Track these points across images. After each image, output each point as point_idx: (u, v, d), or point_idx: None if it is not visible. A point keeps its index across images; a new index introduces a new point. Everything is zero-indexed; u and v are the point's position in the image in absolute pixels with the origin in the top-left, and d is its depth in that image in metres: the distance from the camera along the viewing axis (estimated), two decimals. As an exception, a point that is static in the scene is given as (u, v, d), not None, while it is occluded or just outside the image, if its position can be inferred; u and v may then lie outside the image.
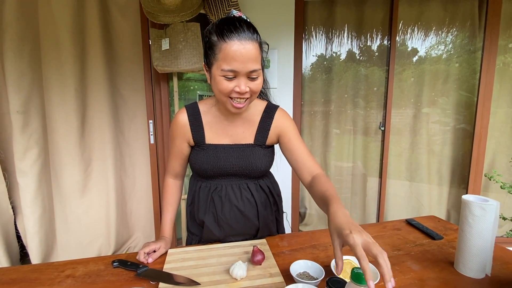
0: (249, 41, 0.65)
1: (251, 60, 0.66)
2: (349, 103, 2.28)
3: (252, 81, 0.69)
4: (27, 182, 1.62)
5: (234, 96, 0.69)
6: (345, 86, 2.26)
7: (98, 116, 1.79)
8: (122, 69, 1.86)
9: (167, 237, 0.84)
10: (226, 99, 0.71)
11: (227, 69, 0.66)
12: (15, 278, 0.71)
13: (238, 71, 0.66)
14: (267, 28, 2.07)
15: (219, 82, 0.68)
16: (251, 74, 0.68)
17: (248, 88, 0.68)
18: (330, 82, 2.27)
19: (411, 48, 2.20)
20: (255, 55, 0.66)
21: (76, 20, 1.67)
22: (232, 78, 0.67)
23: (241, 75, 0.67)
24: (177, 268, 0.72)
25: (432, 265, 0.78)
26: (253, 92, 0.71)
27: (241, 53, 0.64)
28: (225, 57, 0.65)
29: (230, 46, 0.64)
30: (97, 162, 1.82)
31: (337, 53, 2.27)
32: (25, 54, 1.57)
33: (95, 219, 1.82)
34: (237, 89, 0.68)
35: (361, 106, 2.28)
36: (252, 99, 0.74)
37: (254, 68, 0.67)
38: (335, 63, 2.27)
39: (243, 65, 0.65)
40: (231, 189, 0.82)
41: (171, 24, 1.72)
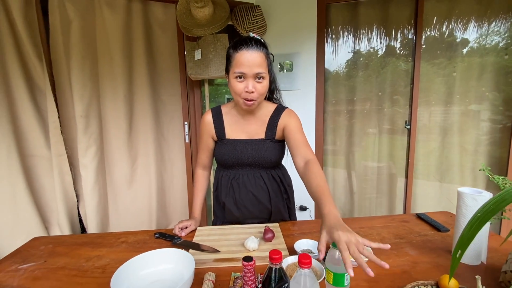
0: (255, 51, 0.84)
1: (256, 65, 0.84)
2: (377, 101, 2.28)
3: (258, 83, 0.86)
4: (87, 174, 1.96)
5: (244, 96, 0.87)
6: (372, 85, 2.27)
7: (143, 119, 2.07)
8: (162, 78, 2.13)
9: (196, 217, 1.03)
10: (239, 99, 0.88)
11: (238, 71, 0.84)
12: (86, 241, 0.95)
13: (246, 73, 0.84)
14: (290, 33, 2.19)
15: (233, 84, 0.87)
16: (257, 76, 0.85)
17: (254, 88, 0.85)
18: (357, 81, 2.30)
19: (443, 42, 2.14)
20: (260, 62, 0.84)
21: (125, 37, 1.96)
22: (242, 80, 0.85)
23: (249, 77, 0.85)
24: (203, 241, 0.89)
25: (429, 252, 0.85)
26: (259, 93, 0.87)
27: (248, 59, 0.83)
28: (237, 63, 0.84)
29: (240, 55, 0.83)
30: (142, 158, 2.11)
31: (362, 53, 2.30)
32: (86, 69, 1.91)
33: (140, 208, 2.11)
34: (246, 89, 0.85)
35: (389, 104, 2.28)
36: (260, 100, 0.90)
37: (259, 71, 0.84)
38: (361, 62, 2.30)
39: (249, 68, 0.83)
40: (247, 177, 0.98)
41: (203, 36, 1.94)
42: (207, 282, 0.67)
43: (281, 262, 0.54)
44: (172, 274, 0.69)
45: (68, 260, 0.82)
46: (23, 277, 0.75)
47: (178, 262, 0.71)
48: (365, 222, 1.07)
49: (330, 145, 2.46)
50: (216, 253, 0.81)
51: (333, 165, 2.49)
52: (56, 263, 0.81)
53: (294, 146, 0.93)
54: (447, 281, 0.63)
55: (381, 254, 0.83)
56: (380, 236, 0.96)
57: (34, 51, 1.79)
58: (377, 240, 0.93)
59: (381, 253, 0.83)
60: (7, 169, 1.79)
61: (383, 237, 0.95)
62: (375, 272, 0.72)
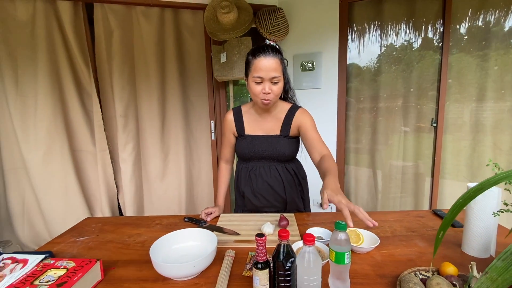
0: (271, 57, 0.94)
1: (272, 70, 0.94)
2: (403, 98, 2.24)
3: (274, 85, 0.97)
4: (126, 167, 2.19)
5: (261, 97, 0.98)
6: (397, 81, 2.24)
7: (174, 118, 2.26)
8: (191, 80, 2.30)
9: (220, 205, 1.15)
10: (257, 99, 0.99)
11: (256, 75, 0.95)
12: (127, 222, 1.11)
13: (263, 77, 0.95)
14: (312, 33, 2.24)
15: (252, 86, 0.98)
16: (273, 80, 0.95)
17: (270, 90, 0.96)
18: (382, 77, 2.28)
19: (474, 35, 2.05)
20: (275, 67, 0.94)
21: (158, 43, 2.15)
22: (260, 82, 0.96)
23: (266, 80, 0.95)
24: (226, 225, 1.00)
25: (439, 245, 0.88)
26: (275, 94, 0.97)
27: (265, 65, 0.93)
28: (255, 68, 0.95)
29: (258, 61, 0.94)
30: (173, 154, 2.30)
31: (387, 49, 2.27)
32: (125, 74, 2.13)
33: (171, 198, 2.31)
34: (263, 90, 0.96)
35: (415, 101, 2.23)
36: (275, 99, 1.00)
37: (274, 75, 0.95)
38: (386, 58, 2.27)
39: (266, 73, 0.94)
40: (263, 169, 1.09)
41: (228, 40, 2.06)
42: (227, 257, 0.78)
43: (288, 240, 0.63)
44: (198, 249, 0.81)
45: (114, 236, 0.98)
46: (80, 247, 0.92)
47: (203, 240, 0.83)
48: (379, 216, 1.11)
49: (353, 143, 2.46)
50: (236, 235, 0.92)
51: (355, 163, 2.49)
52: (105, 237, 0.97)
53: (310, 144, 1.03)
54: (447, 268, 0.67)
55: (389, 244, 0.88)
56: (392, 228, 1.00)
57: (82, 58, 2.05)
58: (388, 232, 0.97)
59: (390, 243, 0.88)
60: (61, 162, 2.08)
61: (394, 229, 0.99)
62: (380, 259, 0.79)
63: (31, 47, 1.95)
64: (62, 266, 0.69)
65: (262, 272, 0.62)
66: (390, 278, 0.71)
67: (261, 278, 0.63)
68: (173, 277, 0.70)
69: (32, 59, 1.95)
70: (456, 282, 0.60)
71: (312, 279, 0.61)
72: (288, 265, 0.62)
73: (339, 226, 0.65)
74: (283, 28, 2.10)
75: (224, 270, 0.72)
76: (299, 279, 0.63)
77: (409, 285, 0.61)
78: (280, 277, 0.62)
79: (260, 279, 0.63)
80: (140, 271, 0.76)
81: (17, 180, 2.07)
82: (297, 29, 2.25)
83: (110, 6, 2.04)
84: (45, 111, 1.99)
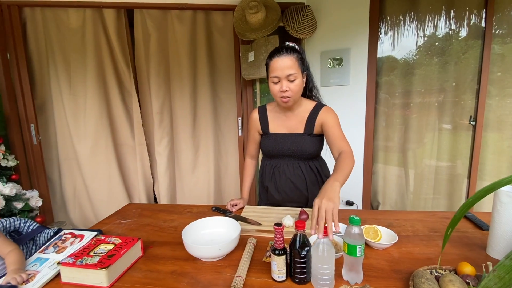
0: (286, 56, 0.98)
1: (287, 68, 0.98)
2: (438, 94, 2.13)
3: (291, 83, 1.01)
4: (161, 160, 2.38)
5: (280, 95, 1.03)
6: (432, 76, 2.13)
7: (204, 115, 2.39)
8: (220, 78, 2.41)
9: (245, 197, 1.23)
10: (277, 98, 1.05)
11: (273, 75, 1.01)
12: (163, 209, 1.24)
13: (279, 76, 1.00)
14: (341, 29, 2.21)
15: (271, 87, 1.04)
16: (289, 77, 0.99)
17: (288, 88, 1.00)
18: (416, 72, 2.18)
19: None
20: (290, 64, 0.98)
21: (190, 44, 2.28)
22: (277, 82, 1.01)
23: (282, 79, 1.00)
24: (249, 216, 1.08)
25: (462, 246, 0.87)
26: (293, 91, 1.01)
27: (279, 64, 0.98)
28: (272, 69, 1.01)
29: (274, 62, 1.00)
30: (203, 149, 2.44)
31: (422, 42, 2.17)
32: (161, 73, 2.30)
33: (200, 190, 2.46)
34: (281, 89, 1.01)
35: (452, 97, 2.10)
36: (295, 97, 1.04)
37: (290, 72, 0.99)
38: (421, 52, 2.16)
39: (282, 71, 0.99)
40: (286, 166, 1.14)
41: (256, 39, 2.12)
42: (249, 244, 0.86)
43: (304, 230, 0.69)
44: (224, 235, 0.90)
45: (151, 220, 1.11)
46: (124, 228, 1.06)
47: (229, 227, 0.91)
48: (402, 215, 1.11)
49: (383, 141, 2.39)
50: (258, 225, 0.99)
51: (385, 162, 2.42)
52: (144, 221, 1.11)
53: (331, 140, 1.06)
54: (465, 268, 0.68)
55: (409, 242, 0.89)
56: (414, 228, 1.00)
57: (124, 60, 2.25)
58: (409, 231, 0.98)
59: (409, 242, 0.89)
60: (105, 154, 2.32)
61: (416, 229, 0.99)
62: (397, 256, 0.81)
63: (81, 51, 2.19)
64: (111, 242, 0.81)
65: (279, 258, 0.69)
66: (405, 274, 0.73)
67: (278, 263, 0.69)
68: (201, 257, 0.80)
69: (82, 62, 2.20)
70: (469, 281, 0.61)
71: (326, 267, 0.66)
72: (304, 253, 0.67)
73: (353, 220, 0.69)
74: (311, 25, 2.11)
75: (246, 255, 0.79)
76: (314, 267, 0.68)
77: (422, 280, 0.63)
78: (296, 264, 0.68)
79: (278, 264, 0.69)
80: (174, 251, 0.86)
81: (70, 169, 2.36)
82: (325, 25, 2.24)
83: (148, 11, 2.20)
84: (93, 109, 2.23)
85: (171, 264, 0.79)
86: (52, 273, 0.73)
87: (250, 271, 0.75)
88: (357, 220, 0.68)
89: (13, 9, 2.07)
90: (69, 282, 0.71)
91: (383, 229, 0.91)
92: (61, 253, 0.81)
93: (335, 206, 0.72)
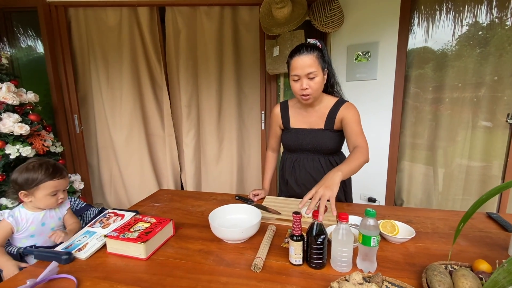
0: (306, 55, 1.01)
1: (307, 66, 1.01)
2: (473, 89, 2.01)
3: (311, 81, 1.04)
4: (188, 151, 2.52)
5: (300, 93, 1.06)
6: (466, 70, 2.01)
7: (229, 109, 2.47)
8: (245, 72, 2.47)
9: (266, 188, 1.30)
10: (298, 96, 1.09)
11: (293, 73, 1.05)
12: (190, 195, 1.35)
13: (299, 74, 1.03)
14: (369, 22, 2.16)
15: (292, 85, 1.08)
16: (309, 75, 1.02)
17: (308, 86, 1.03)
18: (449, 65, 2.07)
19: None
20: (311, 63, 1.01)
21: (217, 40, 2.36)
22: (297, 80, 1.05)
23: (302, 77, 1.03)
24: (270, 205, 1.14)
25: (483, 246, 0.86)
26: (313, 89, 1.04)
27: (299, 63, 1.02)
28: (292, 67, 1.05)
29: (294, 61, 1.04)
30: (227, 141, 2.54)
31: (457, 33, 2.04)
32: (189, 68, 2.41)
33: (224, 181, 2.57)
34: (301, 87, 1.04)
35: (488, 93, 1.98)
36: (316, 94, 1.07)
37: (310, 70, 1.02)
38: (456, 44, 2.04)
39: (302, 70, 1.02)
40: (306, 161, 1.18)
41: (281, 34, 2.14)
42: (269, 230, 0.92)
43: (321, 219, 0.74)
44: (246, 221, 0.97)
45: (181, 205, 1.22)
46: (157, 210, 1.17)
47: (250, 214, 0.98)
48: (423, 212, 1.11)
49: (411, 138, 2.32)
50: (278, 214, 1.05)
51: (411, 159, 2.35)
52: (174, 205, 1.22)
53: (349, 135, 1.09)
54: (481, 265, 0.69)
55: (427, 239, 0.90)
56: (434, 225, 1.00)
57: (155, 55, 2.39)
58: (428, 228, 0.98)
59: (428, 238, 0.90)
60: (138, 143, 2.50)
61: (436, 226, 0.99)
62: (414, 251, 0.82)
63: (118, 47, 2.36)
64: (147, 221, 0.92)
65: (297, 243, 0.75)
66: (419, 267, 0.75)
67: (295, 248, 0.75)
68: (225, 239, 0.88)
69: (119, 58, 2.37)
70: (483, 277, 0.62)
71: (345, 250, 0.71)
72: (320, 240, 0.72)
73: (369, 212, 0.72)
74: (338, 18, 2.08)
75: (266, 239, 0.86)
76: (334, 250, 0.74)
77: (434, 273, 0.66)
78: (312, 250, 0.74)
79: (295, 249, 0.75)
80: (201, 232, 0.96)
81: (107, 156, 2.58)
82: (353, 18, 2.19)
83: (178, 8, 2.31)
84: (128, 101, 2.40)
85: (198, 243, 0.88)
86: (99, 244, 0.85)
87: (269, 254, 0.81)
88: (372, 213, 0.72)
89: (59, 9, 2.27)
90: (114, 253, 0.83)
91: (401, 224, 0.93)
92: (106, 228, 0.93)
93: (332, 194, 0.80)
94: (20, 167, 0.97)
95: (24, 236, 0.97)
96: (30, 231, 0.97)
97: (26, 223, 0.96)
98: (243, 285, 0.69)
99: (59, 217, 1.04)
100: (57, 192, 0.99)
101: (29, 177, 0.94)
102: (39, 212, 0.99)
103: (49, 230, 0.99)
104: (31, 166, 0.96)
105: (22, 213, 0.97)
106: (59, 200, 1.01)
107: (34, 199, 0.96)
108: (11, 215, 0.95)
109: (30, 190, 0.95)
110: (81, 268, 0.77)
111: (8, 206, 1.74)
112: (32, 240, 0.98)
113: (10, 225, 0.94)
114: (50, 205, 1.00)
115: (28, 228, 0.97)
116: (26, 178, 0.94)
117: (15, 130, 1.76)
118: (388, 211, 1.13)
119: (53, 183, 0.97)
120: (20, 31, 2.47)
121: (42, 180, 0.95)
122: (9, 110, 1.80)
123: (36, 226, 0.98)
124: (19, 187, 0.95)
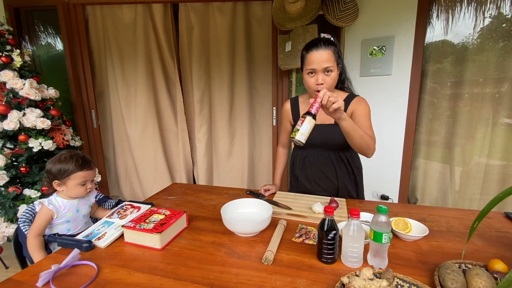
0: (323, 50, 1.00)
1: (323, 61, 1.00)
2: (494, 84, 1.93)
3: (326, 76, 1.03)
4: (200, 146, 2.56)
5: (315, 88, 1.05)
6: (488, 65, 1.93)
7: (240, 104, 2.49)
8: (257, 68, 2.47)
9: (276, 183, 1.31)
10: (311, 90, 1.07)
11: (309, 68, 1.03)
12: (203, 189, 1.38)
13: (315, 68, 1.02)
14: (385, 16, 2.10)
15: (306, 79, 1.07)
16: (326, 70, 1.01)
17: (323, 81, 1.02)
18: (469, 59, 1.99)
19: None
20: (327, 58, 1.00)
21: (230, 35, 2.36)
22: (313, 75, 1.04)
23: (318, 72, 1.02)
24: (280, 201, 1.15)
25: (500, 246, 0.84)
26: (328, 84, 1.03)
27: (316, 57, 1.01)
28: (308, 61, 1.03)
29: (311, 55, 1.02)
30: (238, 137, 2.56)
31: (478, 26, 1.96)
32: (202, 64, 2.43)
33: (234, 176, 2.60)
34: (316, 82, 1.03)
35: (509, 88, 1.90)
36: (330, 89, 1.05)
37: (327, 66, 1.01)
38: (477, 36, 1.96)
39: (319, 64, 1.01)
40: (317, 157, 1.17)
41: (294, 29, 2.12)
42: (280, 225, 0.93)
43: (333, 215, 0.74)
44: (257, 215, 0.98)
45: (193, 198, 1.25)
46: (170, 202, 1.21)
47: (261, 208, 1.00)
48: (437, 211, 1.09)
49: (426, 135, 2.26)
50: (288, 209, 1.06)
51: (427, 157, 2.29)
52: (187, 199, 1.25)
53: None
54: (496, 264, 0.67)
55: (441, 237, 0.89)
56: (449, 224, 0.98)
57: (169, 52, 2.43)
58: (443, 226, 0.96)
59: (442, 237, 0.89)
60: (152, 138, 2.56)
61: (451, 225, 0.97)
62: (427, 249, 0.82)
63: (133, 44, 2.41)
64: (162, 213, 0.95)
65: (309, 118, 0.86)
66: (431, 265, 0.74)
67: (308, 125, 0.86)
68: (237, 232, 0.90)
69: (134, 54, 2.42)
70: (498, 276, 0.61)
71: (356, 245, 0.72)
72: (331, 235, 0.73)
73: (380, 209, 0.72)
74: (352, 12, 2.04)
75: (277, 233, 0.87)
76: (345, 246, 0.74)
77: (447, 271, 0.65)
78: (324, 245, 0.74)
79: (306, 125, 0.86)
80: (213, 225, 0.98)
81: (122, 150, 2.66)
82: (367, 12, 2.14)
83: (191, 4, 2.33)
84: (142, 97, 2.46)
85: (211, 236, 0.91)
86: (117, 234, 0.89)
87: (280, 248, 0.83)
88: (384, 209, 0.71)
89: (78, 7, 2.34)
90: (131, 242, 0.87)
91: (414, 222, 0.92)
92: (124, 219, 0.97)
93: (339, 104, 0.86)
94: (53, 159, 1.04)
95: (61, 221, 1.04)
96: (67, 217, 1.05)
97: (64, 210, 1.04)
98: (254, 276, 0.70)
99: (88, 205, 1.12)
100: (86, 182, 1.06)
101: (61, 167, 1.01)
102: (73, 200, 1.07)
103: (81, 217, 1.09)
104: (63, 157, 1.03)
105: (59, 201, 1.04)
106: (88, 190, 1.08)
107: (65, 188, 1.03)
108: (50, 203, 1.02)
109: (62, 180, 1.02)
110: (100, 255, 0.81)
111: (32, 196, 1.83)
112: (68, 226, 1.06)
113: (51, 211, 1.01)
114: (79, 194, 1.07)
115: (65, 214, 1.04)
116: (59, 169, 1.01)
117: (37, 125, 1.84)
118: (401, 208, 1.11)
119: (83, 174, 1.04)
120: (41, 29, 2.57)
121: (73, 171, 1.01)
122: (31, 106, 1.89)
123: (72, 212, 1.06)
124: (53, 176, 1.02)
